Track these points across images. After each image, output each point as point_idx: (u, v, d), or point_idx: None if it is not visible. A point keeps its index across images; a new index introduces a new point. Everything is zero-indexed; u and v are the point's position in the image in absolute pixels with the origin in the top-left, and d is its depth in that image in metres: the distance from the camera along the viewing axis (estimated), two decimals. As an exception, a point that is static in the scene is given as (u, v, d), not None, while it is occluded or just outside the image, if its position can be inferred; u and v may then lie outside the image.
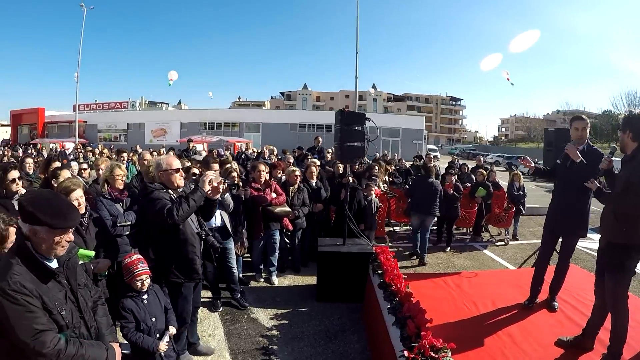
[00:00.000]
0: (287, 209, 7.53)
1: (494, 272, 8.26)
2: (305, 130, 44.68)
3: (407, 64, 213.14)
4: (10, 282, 2.39)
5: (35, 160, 10.65)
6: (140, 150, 14.73)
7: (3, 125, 74.87)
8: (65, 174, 5.14)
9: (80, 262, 3.32)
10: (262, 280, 7.71)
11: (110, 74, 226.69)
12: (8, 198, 4.83)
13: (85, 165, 9.05)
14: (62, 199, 2.82)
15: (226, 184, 4.71)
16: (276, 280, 7.65)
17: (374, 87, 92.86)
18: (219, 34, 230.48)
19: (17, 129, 56.53)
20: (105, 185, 5.58)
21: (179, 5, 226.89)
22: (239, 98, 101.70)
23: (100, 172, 6.66)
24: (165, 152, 15.04)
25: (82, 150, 19.58)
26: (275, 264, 7.72)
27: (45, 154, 20.49)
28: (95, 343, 2.78)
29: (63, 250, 2.63)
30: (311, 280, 7.59)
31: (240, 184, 6.87)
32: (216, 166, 6.02)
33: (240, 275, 7.20)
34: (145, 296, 3.92)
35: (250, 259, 7.86)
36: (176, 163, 4.45)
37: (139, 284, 3.87)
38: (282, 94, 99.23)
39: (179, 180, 4.44)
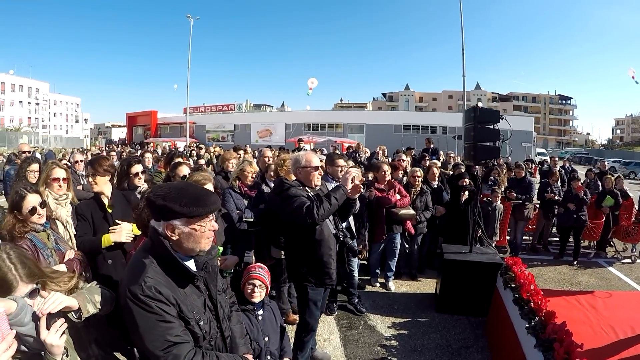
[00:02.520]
0: (412, 211, 7.14)
1: (629, 294, 7.44)
2: (410, 132, 43.71)
3: (511, 61, 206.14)
4: (144, 286, 2.09)
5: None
6: (249, 149, 14.86)
7: (120, 126, 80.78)
8: (184, 169, 5.07)
9: None
10: (377, 285, 7.40)
11: (216, 78, 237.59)
12: (131, 190, 4.81)
13: (202, 161, 9.16)
14: (195, 186, 2.45)
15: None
16: (393, 286, 7.30)
17: (477, 86, 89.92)
18: (319, 36, 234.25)
19: (132, 129, 60.44)
20: (237, 181, 5.54)
21: (280, 10, 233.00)
22: (341, 100, 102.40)
23: (231, 168, 6.78)
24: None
25: (195, 148, 20.17)
26: (394, 269, 7.38)
27: (159, 151, 21.29)
28: (232, 356, 2.49)
29: (208, 242, 2.30)
30: (428, 288, 7.28)
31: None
32: (342, 162, 5.73)
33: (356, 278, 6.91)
34: (260, 312, 3.59)
35: (365, 262, 7.53)
36: (315, 160, 4.19)
37: (249, 288, 3.56)
38: (384, 95, 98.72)
39: (317, 178, 4.20)
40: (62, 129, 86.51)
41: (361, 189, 4.16)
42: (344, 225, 5.41)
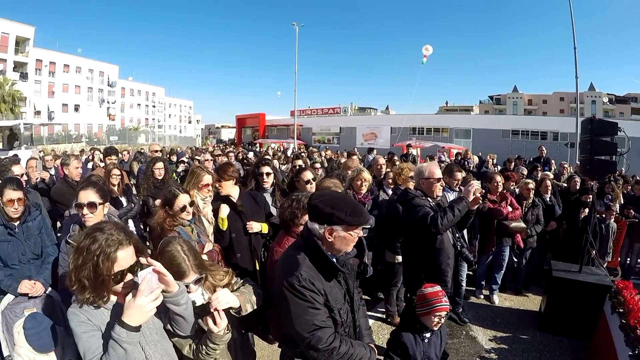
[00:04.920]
0: (523, 224, 6.97)
1: None
2: (518, 137, 41.59)
3: (630, 58, 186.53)
4: (300, 278, 2.48)
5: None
6: (356, 153, 15.09)
7: (229, 127, 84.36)
8: (308, 174, 5.34)
9: None
10: (481, 297, 7.34)
11: (321, 81, 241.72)
12: (259, 191, 5.23)
13: (318, 165, 9.41)
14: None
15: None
16: (497, 300, 7.21)
17: (591, 87, 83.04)
18: (423, 38, 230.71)
19: (242, 130, 62.59)
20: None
21: (383, 14, 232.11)
22: (446, 102, 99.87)
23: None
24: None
25: (305, 150, 20.73)
26: (499, 282, 7.26)
27: (270, 152, 22.07)
28: (360, 343, 2.78)
29: (351, 247, 2.65)
30: (532, 305, 7.09)
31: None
32: (459, 175, 5.84)
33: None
34: (428, 334, 3.59)
35: (471, 273, 7.49)
36: (438, 172, 4.41)
37: (435, 320, 3.49)
38: (491, 97, 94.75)
39: (439, 189, 4.40)
40: (176, 129, 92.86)
41: (480, 201, 4.29)
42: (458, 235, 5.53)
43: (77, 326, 2.12)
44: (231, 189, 4.75)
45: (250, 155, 17.97)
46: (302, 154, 14.90)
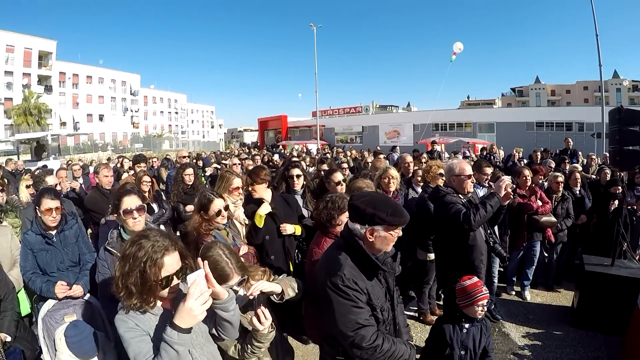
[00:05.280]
0: (553, 219, 6.87)
1: None
2: (543, 129, 40.64)
3: None
4: (344, 278, 2.53)
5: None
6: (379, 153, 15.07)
7: (251, 130, 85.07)
8: (339, 175, 5.39)
9: None
10: (513, 293, 7.26)
11: (340, 81, 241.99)
12: (290, 193, 5.31)
13: (345, 165, 9.43)
14: (391, 199, 2.97)
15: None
16: (529, 296, 7.13)
17: (615, 74, 79.85)
18: (439, 33, 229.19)
19: (264, 133, 62.87)
20: (379, 188, 5.75)
21: (401, 11, 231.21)
22: (468, 97, 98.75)
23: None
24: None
25: (329, 151, 20.80)
26: (531, 277, 7.18)
27: (295, 154, 22.18)
28: (401, 340, 2.81)
29: (390, 247, 2.69)
30: (564, 300, 7.00)
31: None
32: (488, 170, 5.82)
33: (492, 285, 6.86)
34: (467, 325, 3.62)
35: (502, 269, 7.39)
36: (468, 169, 4.43)
37: (478, 309, 3.55)
38: (513, 89, 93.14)
39: (470, 186, 4.42)
40: (199, 134, 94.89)
41: (511, 197, 4.28)
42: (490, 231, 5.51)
43: (125, 332, 2.17)
44: (264, 192, 4.85)
45: (276, 157, 18.09)
46: (327, 156, 14.93)
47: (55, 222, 4.19)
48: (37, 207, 4.18)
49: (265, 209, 4.56)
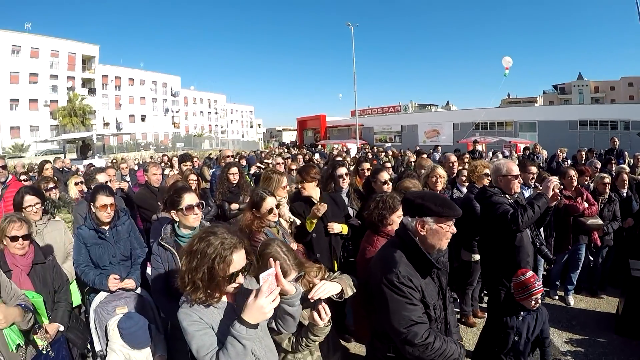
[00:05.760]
0: (600, 221, 6.67)
1: None
2: (587, 128, 38.82)
3: None
4: (399, 274, 2.56)
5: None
6: (419, 152, 14.97)
7: (290, 130, 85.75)
8: (385, 175, 5.42)
9: None
10: (556, 297, 7.09)
11: (378, 80, 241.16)
12: (336, 192, 5.33)
13: (388, 165, 9.44)
14: (440, 194, 3.02)
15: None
16: (572, 301, 6.93)
17: None
18: (478, 29, 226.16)
19: (303, 132, 62.94)
20: (426, 187, 5.75)
21: (439, 9, 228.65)
22: (508, 95, 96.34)
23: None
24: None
25: (370, 151, 20.79)
26: (575, 282, 6.97)
27: (335, 153, 22.25)
28: (452, 339, 2.82)
29: (446, 242, 2.72)
30: (609, 307, 6.76)
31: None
32: (534, 169, 5.75)
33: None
34: (523, 313, 3.81)
35: (545, 273, 7.30)
36: (515, 169, 4.39)
37: (533, 302, 3.74)
38: (555, 87, 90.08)
39: (517, 186, 4.39)
40: (238, 134, 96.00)
41: (558, 197, 4.24)
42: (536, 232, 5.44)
43: (189, 325, 2.22)
44: (312, 191, 4.93)
45: (317, 156, 18.17)
46: (369, 156, 14.92)
47: (109, 218, 4.33)
48: (91, 203, 4.31)
49: (321, 211, 4.58)
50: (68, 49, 56.58)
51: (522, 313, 3.75)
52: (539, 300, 3.74)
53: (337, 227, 4.70)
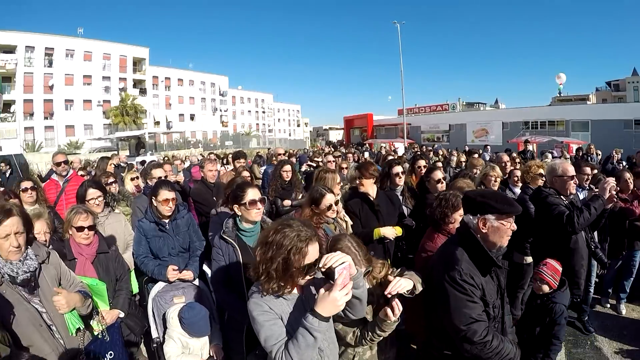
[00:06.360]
0: None
1: None
2: None
3: None
4: (462, 272, 2.60)
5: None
6: (467, 151, 14.76)
7: (336, 129, 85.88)
8: (439, 173, 5.43)
9: None
10: (608, 306, 6.84)
11: (425, 78, 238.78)
12: (392, 190, 5.39)
13: (440, 164, 9.41)
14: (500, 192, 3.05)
15: None
16: (624, 310, 6.66)
17: None
18: (526, 25, 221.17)
19: (350, 131, 62.90)
20: (481, 186, 5.77)
21: (488, 7, 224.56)
22: (559, 92, 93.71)
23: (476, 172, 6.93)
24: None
25: (419, 151, 20.67)
26: (628, 290, 6.69)
27: (383, 152, 22.23)
28: (509, 340, 2.83)
29: (507, 240, 2.73)
30: None
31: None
32: (588, 170, 5.65)
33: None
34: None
35: (597, 279, 6.95)
36: (571, 170, 4.33)
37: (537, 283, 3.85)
38: (608, 84, 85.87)
39: (573, 187, 4.32)
40: (285, 133, 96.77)
41: (615, 199, 4.16)
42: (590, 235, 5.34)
43: (259, 315, 2.29)
44: (370, 188, 4.96)
45: (366, 155, 18.14)
46: (423, 154, 14.86)
47: (170, 212, 4.51)
48: (153, 197, 4.50)
49: (390, 232, 4.66)
50: (119, 51, 58.99)
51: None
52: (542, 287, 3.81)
53: (390, 233, 4.70)
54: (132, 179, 7.13)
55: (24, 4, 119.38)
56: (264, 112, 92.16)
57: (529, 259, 5.47)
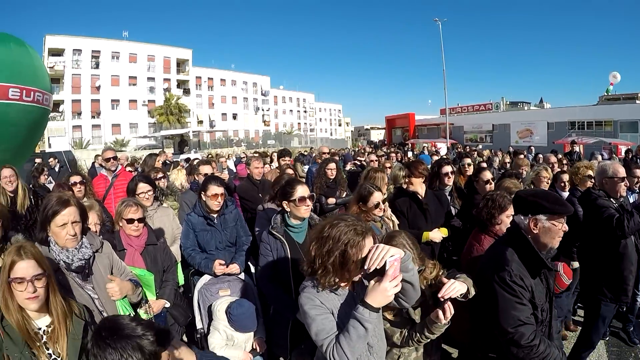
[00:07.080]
0: None
1: None
2: None
3: None
4: (512, 273, 2.55)
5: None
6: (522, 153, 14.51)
7: (378, 128, 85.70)
8: (488, 174, 5.38)
9: None
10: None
11: (468, 77, 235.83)
12: (441, 190, 5.40)
13: (484, 165, 9.34)
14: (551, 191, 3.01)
15: None
16: None
17: None
18: (571, 22, 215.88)
19: (391, 131, 62.50)
20: (531, 185, 5.76)
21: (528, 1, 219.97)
22: (607, 91, 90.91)
23: (526, 174, 6.88)
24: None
25: (463, 151, 20.53)
26: None
27: (426, 152, 22.10)
28: (555, 344, 2.76)
29: (558, 241, 2.69)
30: None
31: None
32: (639, 172, 5.50)
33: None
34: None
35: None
36: (622, 171, 4.21)
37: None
38: None
39: (623, 190, 4.20)
40: (326, 132, 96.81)
41: None
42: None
43: (311, 309, 2.30)
44: (419, 187, 4.95)
45: (410, 155, 18.08)
46: (467, 154, 14.72)
47: (219, 207, 4.59)
48: (203, 192, 4.60)
49: (438, 236, 4.66)
50: (163, 53, 60.73)
51: None
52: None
53: (437, 236, 4.69)
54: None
55: (71, 10, 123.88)
56: (305, 111, 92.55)
57: (576, 264, 5.31)
